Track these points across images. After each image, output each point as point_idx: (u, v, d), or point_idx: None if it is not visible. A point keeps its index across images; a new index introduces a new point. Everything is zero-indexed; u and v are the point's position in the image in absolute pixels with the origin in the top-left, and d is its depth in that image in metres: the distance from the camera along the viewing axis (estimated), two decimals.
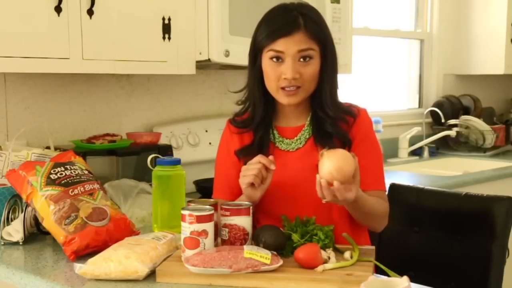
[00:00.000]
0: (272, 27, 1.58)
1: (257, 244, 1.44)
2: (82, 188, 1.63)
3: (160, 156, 1.82)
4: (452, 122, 3.75)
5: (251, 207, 1.50)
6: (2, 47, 1.77)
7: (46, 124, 2.21)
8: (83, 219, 1.55)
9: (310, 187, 1.46)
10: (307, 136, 1.66)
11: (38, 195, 1.60)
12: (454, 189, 2.52)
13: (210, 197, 1.73)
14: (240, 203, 1.52)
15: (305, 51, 1.56)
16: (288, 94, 1.59)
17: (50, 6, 1.85)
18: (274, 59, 1.57)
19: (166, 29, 2.14)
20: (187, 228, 1.41)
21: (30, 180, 1.63)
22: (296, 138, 1.67)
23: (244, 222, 1.48)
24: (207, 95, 2.74)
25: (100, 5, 1.95)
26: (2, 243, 1.68)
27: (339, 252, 1.47)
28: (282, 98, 1.61)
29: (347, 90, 3.20)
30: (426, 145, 3.67)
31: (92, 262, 1.37)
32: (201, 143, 2.60)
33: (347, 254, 1.44)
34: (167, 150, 2.27)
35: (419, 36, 3.94)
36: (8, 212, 1.72)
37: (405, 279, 1.17)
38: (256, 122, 1.68)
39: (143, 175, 2.06)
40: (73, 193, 1.60)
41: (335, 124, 1.63)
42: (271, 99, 1.65)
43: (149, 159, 1.80)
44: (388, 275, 1.35)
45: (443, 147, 3.81)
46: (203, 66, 2.41)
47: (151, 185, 1.77)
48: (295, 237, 1.47)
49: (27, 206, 1.66)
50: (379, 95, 3.76)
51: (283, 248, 1.45)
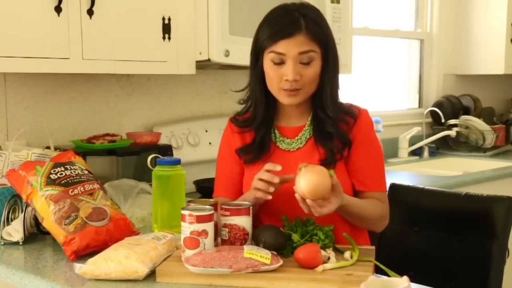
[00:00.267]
0: (274, 28, 1.58)
1: (257, 244, 1.44)
2: (82, 188, 1.63)
3: (160, 156, 1.82)
4: (452, 122, 3.75)
5: (251, 207, 1.50)
6: (2, 47, 1.77)
7: (46, 124, 2.21)
8: (83, 219, 1.55)
9: None
10: (308, 136, 1.67)
11: (38, 195, 1.60)
12: (454, 189, 2.52)
13: (210, 197, 1.73)
14: (240, 203, 1.53)
15: (306, 53, 1.56)
16: (289, 94, 1.59)
17: (50, 6, 1.85)
18: (276, 61, 1.57)
19: (166, 29, 2.14)
20: (187, 228, 1.41)
21: (30, 180, 1.62)
22: (297, 138, 1.67)
23: (244, 222, 1.48)
24: (207, 95, 2.74)
25: (100, 5, 1.95)
26: (2, 243, 1.68)
27: (339, 252, 1.47)
28: (283, 99, 1.61)
29: (347, 90, 3.20)
30: (426, 145, 3.66)
31: (92, 262, 1.37)
32: (201, 143, 2.60)
33: (347, 254, 1.44)
34: (167, 150, 2.27)
35: (419, 36, 3.94)
36: (8, 212, 1.71)
37: (405, 279, 1.17)
38: (258, 121, 1.68)
39: (143, 175, 2.06)
40: (73, 193, 1.60)
41: (335, 124, 1.63)
42: (272, 98, 1.65)
43: (149, 159, 1.80)
44: (388, 275, 1.35)
45: (443, 147, 3.81)
46: (203, 66, 2.41)
47: (151, 185, 1.77)
48: (295, 237, 1.47)
49: (27, 206, 1.66)
50: (379, 95, 3.76)
51: (283, 248, 1.45)
